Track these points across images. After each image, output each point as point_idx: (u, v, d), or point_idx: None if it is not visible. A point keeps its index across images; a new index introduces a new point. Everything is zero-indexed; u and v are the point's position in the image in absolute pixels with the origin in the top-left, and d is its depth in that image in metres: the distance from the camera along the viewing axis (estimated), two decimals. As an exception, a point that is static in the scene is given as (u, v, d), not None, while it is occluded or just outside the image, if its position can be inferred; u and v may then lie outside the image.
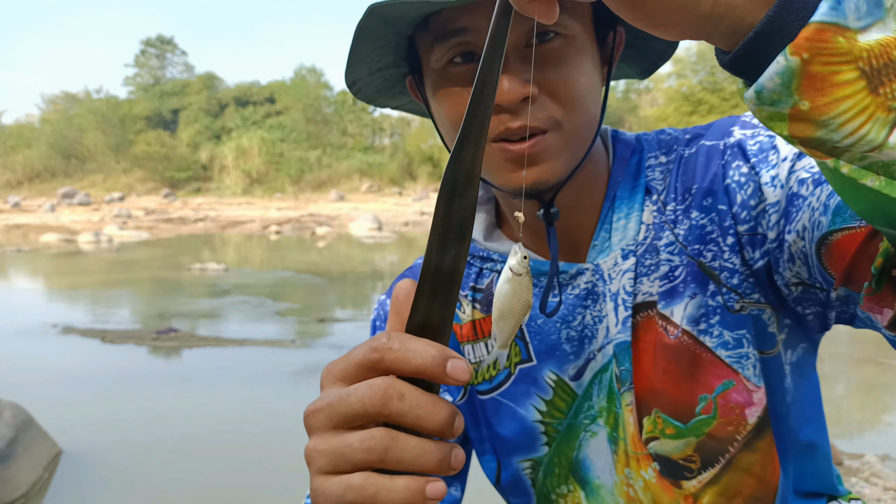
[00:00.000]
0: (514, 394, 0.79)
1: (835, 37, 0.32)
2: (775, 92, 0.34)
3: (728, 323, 0.69)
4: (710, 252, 0.69)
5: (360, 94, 0.78)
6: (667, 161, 0.75)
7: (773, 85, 0.34)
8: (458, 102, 0.66)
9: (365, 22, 0.63)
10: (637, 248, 0.72)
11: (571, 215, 0.74)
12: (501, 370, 0.79)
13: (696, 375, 0.70)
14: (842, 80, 0.33)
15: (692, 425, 0.70)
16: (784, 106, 0.34)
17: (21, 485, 3.18)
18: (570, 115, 0.64)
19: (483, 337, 0.80)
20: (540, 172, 0.65)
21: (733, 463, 0.70)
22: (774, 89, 0.34)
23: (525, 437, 0.79)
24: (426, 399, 0.39)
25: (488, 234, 0.81)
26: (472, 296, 0.81)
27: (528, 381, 0.78)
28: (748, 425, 0.70)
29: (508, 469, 0.82)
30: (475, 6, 0.62)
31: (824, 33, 0.32)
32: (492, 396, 0.80)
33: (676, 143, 0.75)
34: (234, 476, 3.35)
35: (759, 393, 0.69)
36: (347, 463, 0.40)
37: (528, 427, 0.78)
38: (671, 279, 0.71)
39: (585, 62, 0.65)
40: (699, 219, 0.70)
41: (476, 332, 0.80)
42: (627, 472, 0.74)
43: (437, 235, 0.44)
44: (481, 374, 0.80)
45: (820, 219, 0.58)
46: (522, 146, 0.63)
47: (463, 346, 0.81)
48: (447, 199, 0.43)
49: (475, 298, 0.80)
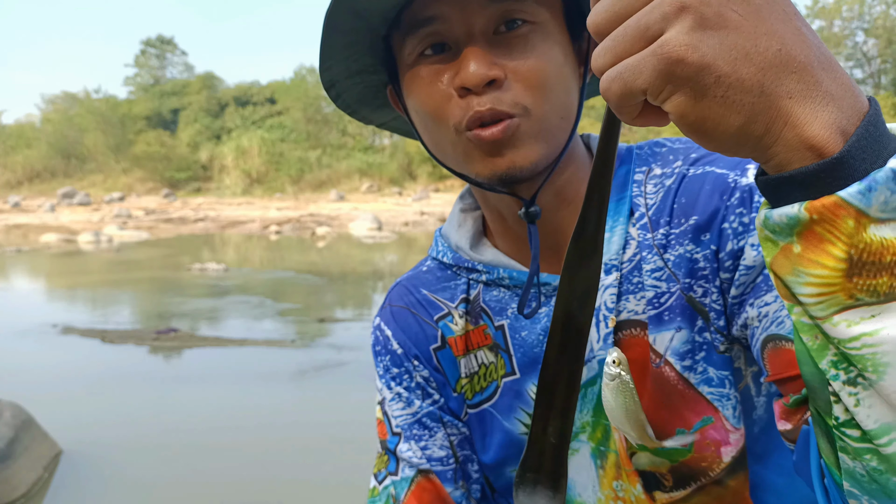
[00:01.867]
0: (500, 407, 0.78)
1: (846, 218, 0.34)
2: (780, 226, 0.37)
3: (714, 361, 0.68)
4: (700, 288, 0.67)
5: (341, 102, 0.77)
6: (662, 174, 0.72)
7: (780, 220, 0.36)
8: (431, 91, 0.65)
9: (333, 11, 0.62)
10: (622, 265, 0.70)
11: (553, 220, 0.72)
12: (491, 382, 0.78)
13: (676, 409, 0.68)
14: (830, 251, 0.35)
15: (667, 450, 0.69)
16: (782, 239, 0.37)
17: (21, 485, 3.18)
18: (537, 101, 0.63)
19: (473, 349, 0.79)
20: (513, 157, 0.64)
21: (704, 489, 0.70)
22: (780, 223, 0.37)
23: (512, 449, 0.78)
24: None
25: (475, 242, 0.80)
26: (465, 308, 0.79)
27: (512, 394, 0.77)
28: (722, 463, 0.68)
29: (501, 479, 0.81)
30: None
31: (840, 210, 0.34)
32: (484, 408, 0.79)
33: (676, 157, 0.73)
34: (234, 476, 3.35)
35: (736, 434, 0.68)
36: None
37: (515, 440, 0.77)
38: (656, 305, 0.69)
39: (553, 50, 0.65)
40: (693, 252, 0.68)
41: (468, 345, 0.79)
42: (616, 486, 0.72)
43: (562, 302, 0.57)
44: (474, 386, 0.80)
45: (785, 319, 0.59)
46: (493, 129, 0.62)
47: (459, 360, 0.80)
48: (572, 269, 0.57)
49: (466, 311, 0.79)
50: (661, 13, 0.35)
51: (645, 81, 0.36)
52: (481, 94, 0.62)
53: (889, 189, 0.34)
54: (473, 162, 0.66)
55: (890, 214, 0.34)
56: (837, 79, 0.36)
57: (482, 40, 0.63)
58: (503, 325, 0.76)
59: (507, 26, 0.63)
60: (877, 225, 0.34)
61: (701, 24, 0.34)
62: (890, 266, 0.35)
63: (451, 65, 0.64)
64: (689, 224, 0.68)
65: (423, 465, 0.79)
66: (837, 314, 0.36)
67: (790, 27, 0.35)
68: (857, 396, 0.38)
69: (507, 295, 0.76)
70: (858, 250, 0.35)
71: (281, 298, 8.37)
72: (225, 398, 4.53)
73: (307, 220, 21.17)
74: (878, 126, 0.36)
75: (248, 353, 5.74)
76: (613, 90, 0.37)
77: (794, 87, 0.34)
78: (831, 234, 0.35)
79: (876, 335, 0.36)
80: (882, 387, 0.36)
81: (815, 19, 35.40)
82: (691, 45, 0.34)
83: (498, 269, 0.76)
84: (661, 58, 0.34)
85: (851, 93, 0.36)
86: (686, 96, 0.35)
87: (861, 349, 0.36)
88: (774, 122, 0.35)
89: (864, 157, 0.35)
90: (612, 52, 0.37)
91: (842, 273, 0.35)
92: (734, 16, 0.34)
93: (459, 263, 0.79)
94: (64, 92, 52.11)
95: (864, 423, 0.38)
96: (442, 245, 0.82)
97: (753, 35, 0.34)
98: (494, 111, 0.62)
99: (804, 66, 0.35)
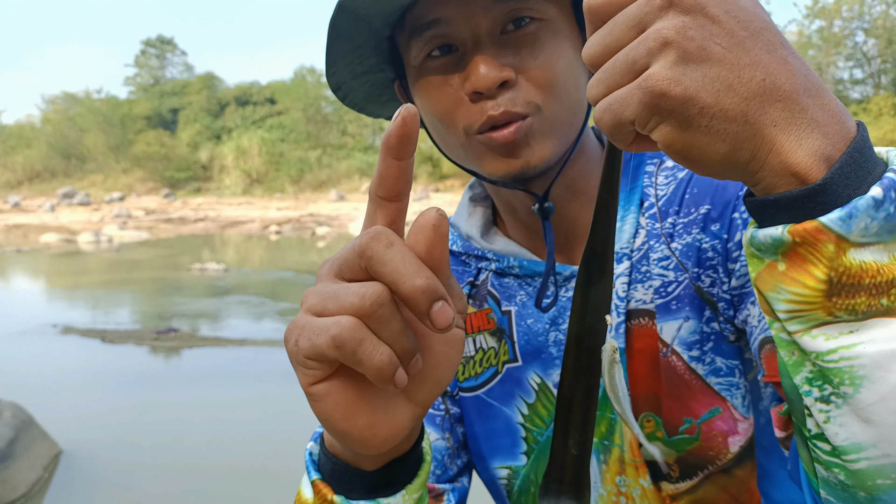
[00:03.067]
0: (498, 393, 0.78)
1: (827, 242, 0.35)
2: (765, 245, 0.38)
3: (723, 351, 0.68)
4: (708, 278, 0.68)
5: (349, 101, 0.77)
6: (674, 166, 0.73)
7: (765, 240, 0.38)
8: (440, 95, 0.65)
9: (336, 18, 0.62)
10: (633, 254, 0.71)
11: (565, 212, 0.73)
12: (489, 367, 0.78)
13: (683, 400, 0.69)
14: (812, 272, 0.36)
15: (674, 441, 0.69)
16: (767, 257, 0.39)
17: (21, 485, 3.18)
18: (549, 99, 0.63)
19: (471, 332, 0.79)
20: (527, 157, 0.64)
21: (710, 479, 0.70)
22: (765, 243, 0.38)
23: (507, 437, 0.78)
24: (412, 260, 0.37)
25: (485, 231, 0.80)
26: (468, 290, 0.80)
27: (513, 381, 0.77)
28: (729, 453, 0.69)
29: (486, 472, 0.81)
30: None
31: (821, 234, 0.35)
32: (476, 395, 0.79)
33: None
34: (234, 475, 3.35)
35: (745, 423, 0.69)
36: (338, 304, 0.38)
37: (512, 427, 0.77)
38: (663, 294, 0.69)
39: (563, 46, 0.65)
40: (702, 241, 0.68)
41: (466, 328, 0.79)
42: (620, 481, 0.72)
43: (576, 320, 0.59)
44: (467, 371, 0.79)
45: None
46: (505, 132, 0.63)
47: None
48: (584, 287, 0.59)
49: (470, 294, 0.79)
50: (646, 48, 0.36)
51: (632, 113, 0.37)
52: (494, 96, 0.62)
53: (869, 216, 0.35)
54: (486, 163, 0.66)
55: (870, 239, 0.36)
56: (824, 105, 0.36)
57: (489, 41, 0.63)
58: (510, 311, 0.76)
59: (515, 25, 0.63)
60: (857, 249, 0.36)
61: (684, 57, 0.35)
62: (868, 287, 0.36)
63: (459, 68, 0.64)
64: (700, 213, 0.69)
65: None
66: (816, 328, 0.37)
67: (775, 57, 0.36)
68: (829, 414, 0.39)
69: (516, 283, 0.76)
70: (838, 273, 0.36)
71: (281, 298, 8.37)
72: (225, 398, 4.53)
73: (307, 220, 21.17)
74: (863, 152, 0.37)
75: (248, 353, 5.74)
76: (605, 121, 0.39)
77: (779, 116, 0.35)
78: (813, 257, 0.36)
79: (853, 349, 0.37)
80: (857, 400, 0.37)
81: (815, 19, 35.41)
82: (674, 78, 0.35)
83: (509, 257, 0.76)
84: (646, 91, 0.36)
85: (838, 119, 0.37)
86: (671, 126, 0.36)
87: (838, 362, 0.37)
88: (759, 149, 0.36)
89: (847, 184, 0.36)
90: (604, 84, 0.39)
91: (822, 293, 0.36)
92: (717, 48, 0.35)
93: (469, 251, 0.79)
94: (64, 92, 52.13)
95: (832, 439, 0.39)
96: (452, 233, 0.82)
97: (737, 66, 0.35)
98: (508, 113, 0.62)
99: (789, 95, 0.36)
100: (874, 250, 0.36)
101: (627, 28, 0.37)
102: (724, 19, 0.36)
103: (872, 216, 0.35)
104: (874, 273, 0.36)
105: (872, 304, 0.36)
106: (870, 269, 0.36)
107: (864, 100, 32.37)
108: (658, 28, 0.36)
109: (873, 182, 0.36)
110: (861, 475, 0.39)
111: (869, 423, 0.37)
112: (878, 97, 30.52)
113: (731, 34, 0.36)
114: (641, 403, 0.70)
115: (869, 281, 0.36)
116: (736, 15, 0.36)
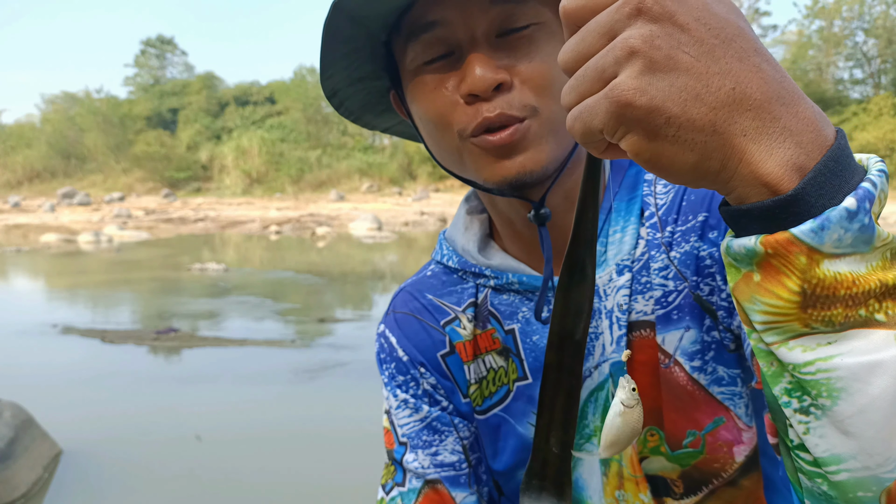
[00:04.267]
0: (513, 411, 0.77)
1: (798, 254, 0.35)
2: (739, 255, 0.38)
3: (724, 360, 0.68)
4: (707, 286, 0.68)
5: (344, 109, 0.76)
6: None
7: (739, 250, 0.37)
8: (434, 97, 0.64)
9: (331, 19, 0.62)
10: (633, 265, 0.70)
11: (563, 222, 0.71)
12: (501, 386, 0.77)
13: (686, 411, 0.68)
14: (786, 284, 0.36)
15: (678, 455, 0.69)
16: (743, 267, 0.38)
17: (21, 485, 3.18)
18: (546, 102, 0.63)
19: (480, 353, 0.78)
20: (524, 161, 0.63)
21: (716, 493, 0.69)
22: (740, 253, 0.38)
23: (525, 453, 0.77)
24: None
25: (482, 245, 0.79)
26: (473, 312, 0.78)
27: (525, 398, 0.75)
28: (735, 463, 0.68)
29: (510, 483, 0.80)
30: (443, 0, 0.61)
31: (792, 246, 0.35)
32: (494, 413, 0.78)
33: None
34: (234, 475, 3.35)
35: (749, 432, 0.68)
36: None
37: (528, 444, 0.76)
38: (664, 305, 0.69)
39: (559, 48, 0.63)
40: (701, 249, 0.68)
41: (476, 350, 0.78)
42: (619, 495, 0.72)
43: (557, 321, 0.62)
44: (484, 391, 0.78)
45: None
46: (502, 134, 0.62)
47: (468, 366, 0.79)
48: (565, 290, 0.61)
49: (474, 315, 0.78)
50: (613, 57, 0.36)
51: (600, 122, 0.37)
52: (490, 99, 0.62)
53: (842, 227, 0.34)
54: (482, 168, 0.65)
55: (844, 250, 0.35)
56: (798, 114, 0.36)
57: (485, 44, 0.62)
58: (514, 329, 0.75)
59: (511, 28, 0.62)
60: (831, 260, 0.35)
61: (650, 67, 0.35)
62: (844, 299, 0.35)
63: (455, 70, 0.64)
64: (698, 221, 0.69)
65: (430, 474, 0.77)
66: (793, 339, 0.37)
67: (747, 65, 0.35)
68: (808, 425, 0.38)
69: (517, 299, 0.75)
70: (812, 285, 0.35)
71: (281, 298, 8.36)
72: (225, 398, 4.53)
73: (307, 220, 21.16)
74: (839, 161, 0.36)
75: (248, 353, 5.74)
76: (576, 129, 0.39)
77: (749, 125, 0.35)
78: (786, 268, 0.36)
79: (830, 360, 0.36)
80: (836, 412, 0.37)
81: (815, 19, 35.40)
82: (639, 88, 0.35)
83: (507, 273, 0.75)
84: (612, 101, 0.36)
85: (813, 127, 0.36)
86: (639, 136, 0.36)
87: (816, 374, 0.36)
88: (729, 158, 0.36)
89: (821, 194, 0.35)
90: (575, 91, 0.39)
91: (796, 305, 0.36)
92: (685, 57, 0.35)
93: (466, 268, 0.78)
94: (64, 92, 52.11)
95: (813, 450, 0.39)
96: (447, 249, 0.81)
97: (705, 75, 0.35)
98: (504, 115, 0.61)
99: (760, 104, 0.35)
100: (849, 261, 0.35)
101: (598, 35, 0.37)
102: (694, 27, 0.35)
103: (846, 227, 0.34)
104: (849, 284, 0.35)
105: (850, 316, 0.35)
106: (845, 280, 0.35)
107: (864, 100, 32.34)
108: (626, 37, 0.35)
109: (850, 191, 0.35)
110: (842, 486, 0.38)
111: (848, 436, 0.37)
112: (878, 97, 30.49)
113: (700, 42, 0.35)
114: (644, 417, 0.70)
115: (844, 292, 0.35)
116: (707, 22, 0.35)
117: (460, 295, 0.79)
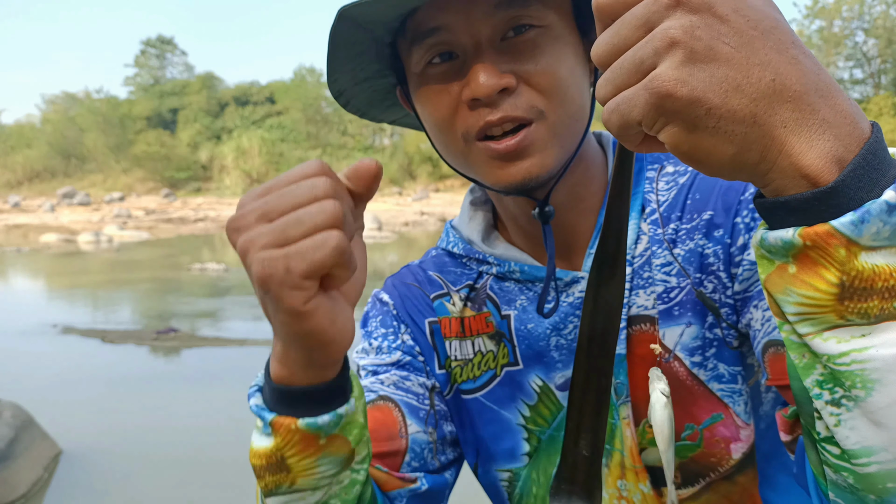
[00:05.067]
0: (498, 396, 0.77)
1: (838, 246, 0.35)
2: (775, 247, 0.38)
3: (725, 357, 0.68)
4: (710, 283, 0.68)
5: (350, 107, 0.77)
6: (675, 171, 0.73)
7: (776, 242, 0.37)
8: (440, 102, 0.65)
9: (337, 26, 0.62)
10: (634, 259, 0.71)
11: (566, 218, 0.72)
12: (487, 370, 0.77)
13: (685, 405, 0.69)
14: (824, 276, 0.36)
15: (675, 447, 0.69)
16: (778, 259, 0.38)
17: (21, 485, 3.18)
18: (552, 104, 0.63)
19: (470, 335, 0.78)
20: (529, 167, 0.63)
21: (712, 487, 0.70)
22: (776, 245, 0.37)
23: (507, 440, 0.77)
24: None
25: (486, 235, 0.80)
26: (467, 293, 0.79)
27: (514, 385, 0.76)
28: (731, 460, 0.69)
29: (487, 476, 0.80)
30: (447, 4, 0.61)
31: (832, 238, 0.35)
32: (475, 397, 0.78)
33: None
34: (234, 476, 3.35)
35: (747, 430, 0.69)
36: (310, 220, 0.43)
37: (511, 430, 0.77)
38: (666, 300, 0.69)
39: (564, 51, 0.64)
40: (705, 246, 0.68)
41: (464, 330, 0.78)
42: (621, 485, 0.72)
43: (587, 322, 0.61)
44: (466, 373, 0.79)
45: None
46: (508, 142, 0.62)
47: (449, 342, 0.79)
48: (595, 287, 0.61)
49: (468, 297, 0.79)
50: (652, 48, 0.36)
51: (639, 114, 0.36)
52: (493, 103, 0.62)
53: (881, 220, 0.34)
54: (487, 172, 0.65)
55: (882, 242, 0.35)
56: (836, 106, 0.36)
57: (490, 48, 0.62)
58: (510, 315, 0.76)
59: (515, 31, 0.62)
60: (868, 252, 0.35)
61: (691, 58, 0.35)
62: (881, 291, 0.35)
63: (459, 75, 0.64)
64: (703, 219, 0.69)
65: (385, 392, 0.74)
66: (828, 331, 0.37)
67: (786, 56, 0.35)
68: (839, 417, 0.39)
69: (517, 287, 0.76)
70: (850, 277, 0.35)
71: (281, 298, 8.36)
72: (225, 398, 4.53)
73: (307, 220, 21.10)
74: (877, 154, 0.36)
75: (248, 353, 5.74)
76: (613, 121, 0.38)
77: (789, 117, 0.35)
78: (825, 260, 0.35)
79: (865, 352, 0.36)
80: (869, 403, 0.37)
81: (816, 19, 35.43)
82: (680, 79, 0.35)
83: (509, 262, 0.75)
84: (652, 92, 0.35)
85: (851, 120, 0.36)
86: (678, 128, 0.36)
87: (850, 365, 0.37)
88: (769, 150, 0.35)
89: (859, 186, 0.35)
90: (612, 84, 0.38)
91: (833, 297, 0.36)
92: (725, 48, 0.35)
93: (471, 254, 0.79)
94: (64, 92, 52.16)
95: (843, 442, 0.39)
96: (453, 236, 0.82)
97: (746, 66, 0.35)
98: (507, 118, 0.62)
99: (799, 96, 0.35)
100: (887, 254, 0.35)
101: (635, 27, 0.37)
102: (733, 18, 0.35)
103: (885, 220, 0.34)
104: (887, 277, 0.35)
105: (885, 308, 0.35)
106: (882, 272, 0.35)
107: (864, 100, 32.37)
108: (665, 28, 0.35)
109: (887, 184, 0.35)
110: (871, 479, 0.39)
111: (880, 427, 0.37)
112: (878, 97, 30.54)
113: (739, 33, 0.35)
114: (643, 409, 0.70)
115: (882, 285, 0.35)
116: (745, 14, 0.35)
117: (459, 276, 0.80)
